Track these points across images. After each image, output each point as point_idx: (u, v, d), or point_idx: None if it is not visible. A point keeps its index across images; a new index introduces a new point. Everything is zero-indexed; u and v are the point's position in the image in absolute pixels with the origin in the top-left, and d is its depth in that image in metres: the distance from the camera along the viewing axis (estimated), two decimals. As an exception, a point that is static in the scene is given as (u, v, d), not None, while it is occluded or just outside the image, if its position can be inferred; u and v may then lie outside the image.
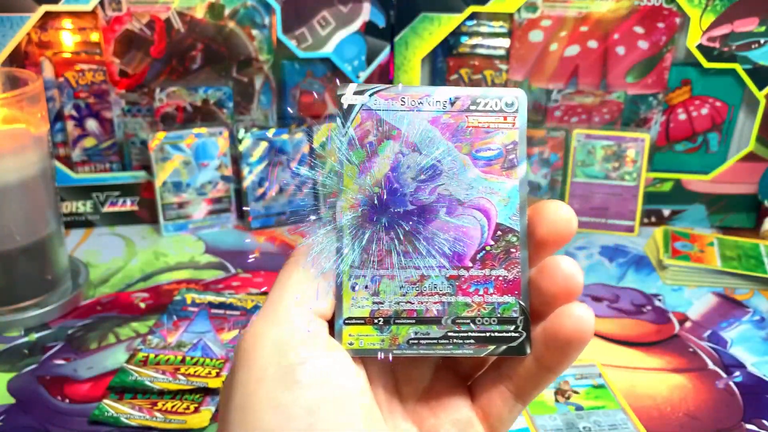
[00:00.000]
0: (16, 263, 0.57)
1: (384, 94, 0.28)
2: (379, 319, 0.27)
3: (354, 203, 0.27)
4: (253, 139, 0.75)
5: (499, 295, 0.28)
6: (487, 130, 0.28)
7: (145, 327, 0.58)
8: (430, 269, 0.27)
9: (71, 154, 0.75)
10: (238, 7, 0.73)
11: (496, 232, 0.28)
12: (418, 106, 0.28)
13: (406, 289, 0.28)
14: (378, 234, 0.27)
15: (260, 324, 0.26)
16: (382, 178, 0.27)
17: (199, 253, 0.71)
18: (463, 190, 0.28)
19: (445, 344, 0.28)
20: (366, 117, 0.28)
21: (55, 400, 0.49)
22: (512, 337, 0.28)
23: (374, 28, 0.75)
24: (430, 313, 0.28)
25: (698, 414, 0.49)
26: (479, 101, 0.28)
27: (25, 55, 0.71)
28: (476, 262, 0.28)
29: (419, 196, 0.27)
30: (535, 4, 0.73)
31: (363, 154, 0.27)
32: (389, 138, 0.27)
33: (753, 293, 0.65)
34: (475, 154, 0.28)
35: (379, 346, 0.27)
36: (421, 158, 0.27)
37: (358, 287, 0.27)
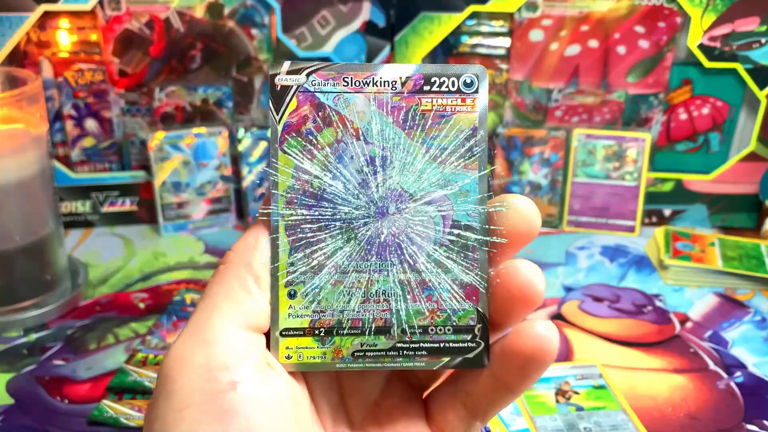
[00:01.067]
0: (15, 263, 0.56)
1: (324, 73, 0.24)
2: (321, 329, 0.24)
3: (291, 200, 0.24)
4: (253, 139, 0.74)
5: (454, 300, 0.25)
6: (443, 114, 0.24)
7: (144, 327, 0.58)
8: (378, 273, 0.24)
9: (70, 153, 0.74)
10: (237, 6, 0.73)
11: (453, 229, 0.25)
12: (364, 87, 0.24)
13: (351, 296, 0.24)
14: (318, 234, 0.24)
15: (185, 345, 0.22)
16: (323, 171, 0.24)
17: (199, 253, 0.71)
18: (415, 183, 0.24)
19: (394, 356, 0.25)
20: (303, 100, 0.24)
21: (54, 401, 0.49)
22: (469, 347, 0.25)
23: (374, 28, 0.75)
24: (377, 323, 0.25)
25: (699, 414, 0.49)
26: (434, 80, 0.24)
27: (24, 55, 0.70)
28: (429, 264, 0.25)
29: (366, 191, 0.24)
30: (536, 4, 0.73)
31: (300, 144, 0.24)
32: (330, 125, 0.24)
33: (754, 293, 0.65)
34: (429, 141, 0.24)
35: (320, 360, 0.24)
36: (368, 148, 0.24)
37: (297, 294, 0.24)
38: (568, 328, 0.59)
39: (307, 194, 0.24)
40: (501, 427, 0.47)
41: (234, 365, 0.22)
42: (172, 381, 0.22)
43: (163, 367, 0.22)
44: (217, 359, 0.22)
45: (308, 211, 0.24)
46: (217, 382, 0.22)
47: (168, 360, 0.22)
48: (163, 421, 0.21)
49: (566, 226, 0.77)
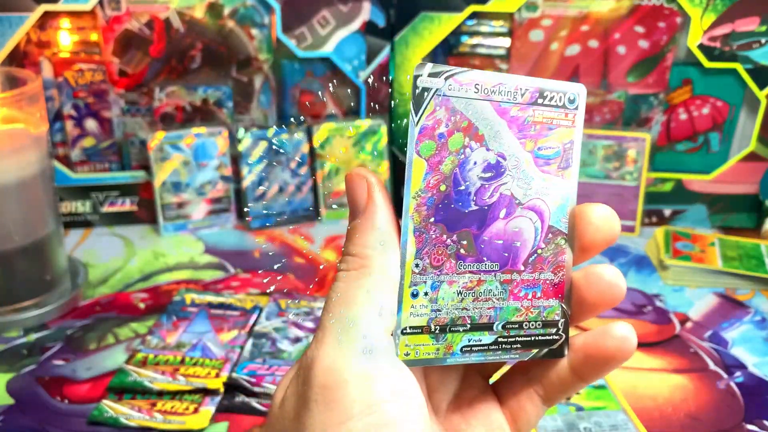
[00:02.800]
0: (15, 263, 0.56)
1: (459, 78, 0.25)
2: (436, 327, 0.26)
3: (421, 203, 0.25)
4: (253, 139, 0.74)
5: (545, 298, 0.27)
6: (550, 127, 0.26)
7: (144, 327, 0.58)
8: (487, 274, 0.26)
9: (70, 153, 0.74)
10: (237, 6, 0.73)
11: (547, 234, 0.27)
12: (491, 96, 0.25)
13: (463, 295, 0.26)
14: (441, 237, 0.25)
15: (338, 353, 0.23)
16: (449, 175, 0.25)
17: (199, 254, 0.70)
18: (523, 189, 0.26)
19: (494, 350, 0.27)
20: (440, 104, 0.25)
21: (54, 401, 0.49)
22: (553, 340, 0.27)
23: (374, 28, 0.75)
24: (483, 319, 0.26)
25: (699, 414, 0.49)
26: (546, 94, 0.26)
27: (24, 55, 0.70)
28: (528, 266, 0.27)
29: (483, 196, 0.26)
30: (536, 4, 0.73)
31: (433, 147, 0.25)
32: (460, 130, 0.25)
33: (754, 293, 0.65)
34: (537, 152, 0.26)
35: (434, 355, 0.26)
36: (488, 154, 0.25)
37: (419, 294, 0.25)
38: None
39: (434, 197, 0.25)
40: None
41: (390, 373, 0.23)
42: (332, 392, 0.22)
43: (318, 377, 0.23)
44: (375, 369, 0.23)
45: (434, 215, 0.25)
46: (377, 393, 0.23)
47: (324, 370, 0.23)
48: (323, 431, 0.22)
49: (566, 226, 0.77)
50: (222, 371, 0.51)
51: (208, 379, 0.50)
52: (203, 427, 0.46)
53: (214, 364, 0.51)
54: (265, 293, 0.62)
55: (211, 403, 0.48)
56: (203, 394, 0.49)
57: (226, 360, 0.52)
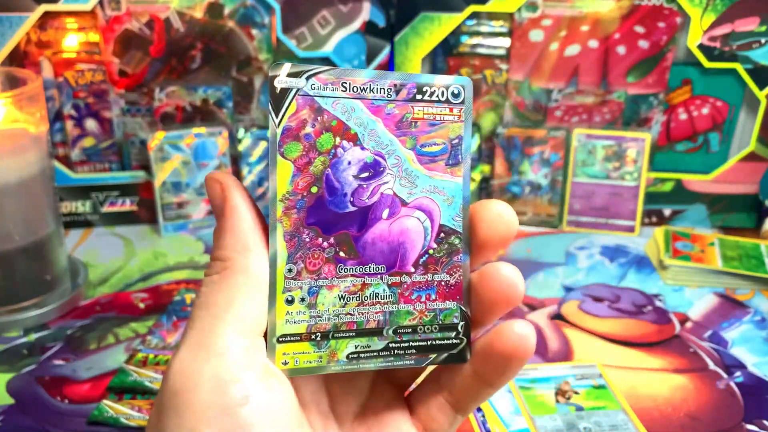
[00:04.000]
0: (15, 263, 0.56)
1: (323, 77, 0.24)
2: (317, 334, 0.24)
3: (290, 205, 0.24)
4: (253, 139, 0.74)
5: (441, 301, 0.26)
6: (433, 123, 0.25)
7: (144, 327, 0.58)
8: (372, 277, 0.25)
9: (70, 153, 0.74)
10: (237, 6, 0.73)
11: (439, 234, 0.25)
12: (361, 93, 0.24)
13: (346, 300, 0.25)
14: (316, 240, 0.24)
15: (190, 357, 0.22)
16: (320, 176, 0.24)
17: (199, 253, 0.71)
18: (407, 188, 0.25)
19: (386, 356, 0.25)
20: (303, 104, 0.24)
21: (55, 401, 0.49)
22: (453, 344, 0.26)
23: (374, 28, 0.75)
24: (370, 324, 0.25)
25: (699, 414, 0.49)
26: (425, 90, 0.25)
27: (24, 55, 0.71)
28: (419, 267, 0.25)
29: (361, 197, 0.25)
30: (536, 4, 0.73)
31: (299, 148, 0.24)
32: (329, 130, 0.24)
33: (754, 293, 0.65)
34: (419, 149, 0.25)
35: (316, 364, 0.25)
36: (363, 153, 0.24)
37: (294, 300, 0.24)
38: (568, 328, 0.59)
39: (304, 199, 0.24)
40: (501, 427, 0.47)
41: (244, 377, 0.22)
42: (182, 396, 0.21)
43: (169, 381, 0.22)
44: (228, 372, 0.22)
45: (307, 218, 0.24)
46: (231, 397, 0.21)
47: (174, 374, 0.22)
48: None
49: (566, 226, 0.77)
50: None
51: (208, 378, 0.50)
52: (203, 427, 0.47)
53: (214, 364, 0.51)
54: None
55: (211, 403, 0.48)
56: (203, 394, 0.49)
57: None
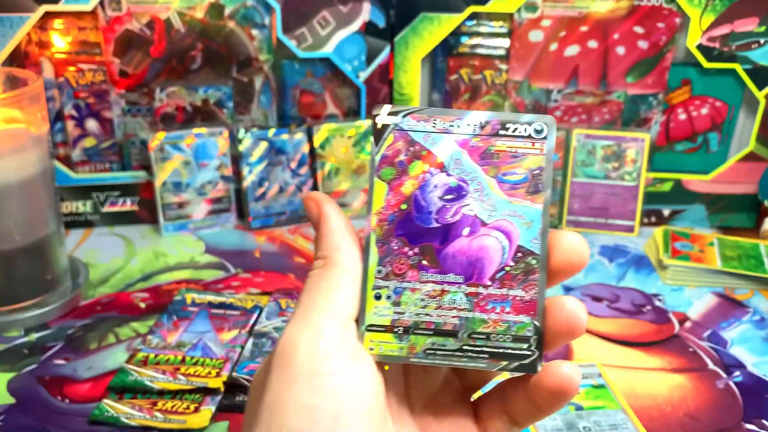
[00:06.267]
0: (16, 263, 0.57)
1: (416, 115, 0.29)
2: (399, 328, 0.28)
3: (382, 218, 0.29)
4: (253, 139, 0.75)
5: (515, 314, 0.28)
6: (515, 155, 0.29)
7: (144, 327, 0.58)
8: (451, 285, 0.28)
9: (71, 154, 0.75)
10: (238, 6, 0.73)
11: (517, 253, 0.28)
12: (449, 129, 0.29)
13: (426, 302, 0.28)
14: (403, 249, 0.28)
15: (295, 329, 0.27)
16: (410, 196, 0.28)
17: (199, 253, 0.71)
18: (487, 211, 0.28)
19: (459, 357, 0.28)
20: (398, 137, 0.29)
21: (55, 400, 0.49)
22: (525, 355, 0.28)
23: (374, 28, 0.75)
24: (447, 327, 0.28)
25: (698, 414, 0.49)
26: (508, 126, 0.28)
27: (25, 55, 0.71)
28: (495, 281, 0.28)
29: (444, 215, 0.28)
30: (535, 4, 0.73)
31: (393, 172, 0.29)
32: (419, 158, 0.29)
33: (753, 293, 0.65)
34: (501, 177, 0.28)
35: (397, 353, 0.28)
36: (448, 179, 0.28)
37: (381, 297, 0.28)
38: (568, 328, 0.59)
39: (395, 214, 0.29)
40: (500, 426, 0.47)
41: (336, 352, 0.27)
42: (286, 359, 0.26)
43: (278, 346, 0.27)
44: (323, 345, 0.27)
45: (396, 229, 0.29)
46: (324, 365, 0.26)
47: (282, 341, 0.27)
48: (276, 390, 0.26)
49: (565, 225, 0.77)
50: (222, 371, 0.51)
51: (208, 378, 0.50)
52: (204, 426, 0.47)
53: (215, 364, 0.52)
54: (266, 293, 0.62)
55: (212, 403, 0.48)
56: (204, 394, 0.49)
57: (227, 359, 0.52)
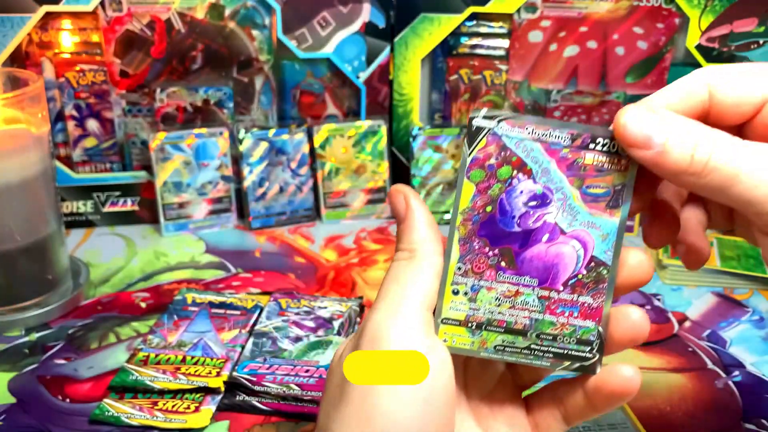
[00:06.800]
0: (17, 263, 0.57)
1: (512, 122, 0.30)
2: (473, 323, 0.30)
3: (467, 218, 0.30)
4: (254, 140, 0.75)
5: (582, 319, 0.30)
6: (600, 169, 0.30)
7: (145, 327, 0.58)
8: (525, 287, 0.30)
9: (72, 154, 0.75)
10: (238, 7, 0.73)
11: (590, 263, 0.30)
12: (541, 138, 0.30)
13: (501, 302, 0.30)
14: (483, 249, 0.30)
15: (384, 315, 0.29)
16: (496, 199, 0.30)
17: (200, 253, 0.71)
18: (567, 220, 0.30)
19: (526, 354, 0.30)
20: (491, 141, 0.30)
21: (56, 400, 0.49)
22: (587, 357, 0.30)
23: (374, 29, 0.75)
24: (518, 326, 0.30)
25: (697, 413, 0.50)
26: (598, 141, 0.29)
27: (25, 56, 0.71)
28: (567, 287, 0.30)
29: (526, 221, 0.30)
30: (535, 5, 0.73)
31: (482, 175, 0.30)
32: (509, 164, 0.30)
33: (752, 293, 0.65)
34: (585, 189, 0.30)
35: (469, 347, 0.30)
36: (535, 186, 0.30)
37: (459, 293, 0.30)
38: (567, 328, 0.59)
39: (479, 215, 0.30)
40: (500, 425, 0.47)
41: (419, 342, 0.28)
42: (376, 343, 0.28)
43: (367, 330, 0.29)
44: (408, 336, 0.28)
45: (479, 230, 0.30)
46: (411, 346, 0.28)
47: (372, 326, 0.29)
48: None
49: (565, 226, 0.77)
50: (223, 370, 0.51)
51: (209, 378, 0.50)
52: (204, 426, 0.47)
53: (215, 363, 0.52)
54: (266, 293, 0.62)
55: (212, 402, 0.49)
56: (204, 393, 0.49)
57: (227, 359, 0.52)
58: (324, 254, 0.71)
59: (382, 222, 0.79)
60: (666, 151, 0.26)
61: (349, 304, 0.60)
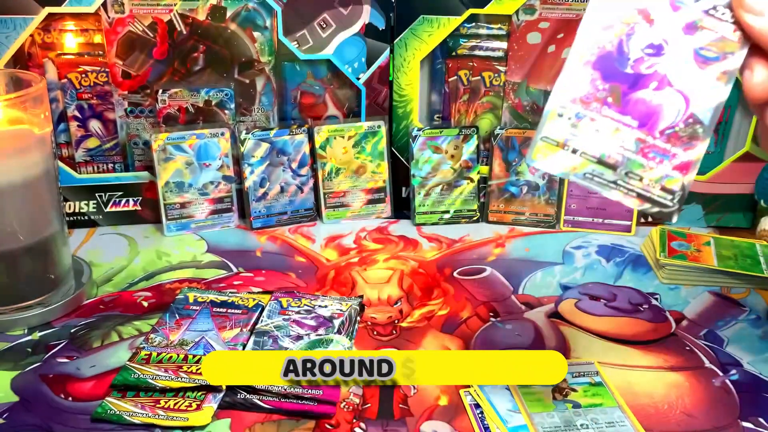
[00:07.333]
0: (20, 262, 0.57)
1: None
2: (570, 147, 0.32)
3: (588, 48, 0.32)
4: (255, 140, 0.75)
5: (670, 168, 0.32)
6: (715, 34, 0.31)
7: (147, 325, 0.58)
8: (626, 126, 0.32)
9: (74, 154, 0.75)
10: (239, 9, 0.73)
11: (689, 118, 0.31)
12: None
13: (600, 134, 0.32)
14: (595, 81, 0.32)
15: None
16: (617, 38, 0.31)
17: (201, 253, 0.71)
18: (677, 74, 0.31)
19: (612, 188, 0.32)
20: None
21: (59, 398, 0.50)
22: (667, 205, 0.32)
23: (374, 30, 0.76)
24: (610, 160, 0.32)
25: (695, 412, 0.50)
26: (718, 8, 0.31)
27: (28, 57, 0.71)
28: (663, 135, 0.32)
29: (640, 65, 0.31)
30: (533, 7, 0.74)
31: (610, 17, 0.32)
32: (636, 10, 0.32)
33: (749, 292, 0.66)
34: (698, 50, 0.31)
35: (561, 169, 0.32)
36: (654, 35, 0.31)
37: (563, 116, 0.32)
38: (565, 327, 0.59)
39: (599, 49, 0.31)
40: (499, 424, 0.47)
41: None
42: None
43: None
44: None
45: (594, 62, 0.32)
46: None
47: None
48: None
49: (563, 225, 0.78)
50: (224, 368, 0.51)
51: (210, 376, 0.50)
52: (206, 424, 0.47)
53: (217, 362, 0.52)
54: (267, 292, 0.63)
55: (214, 400, 0.49)
56: (206, 392, 0.50)
57: (229, 357, 0.53)
58: (324, 254, 0.72)
59: (382, 222, 0.79)
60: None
61: (350, 303, 0.60)
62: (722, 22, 0.31)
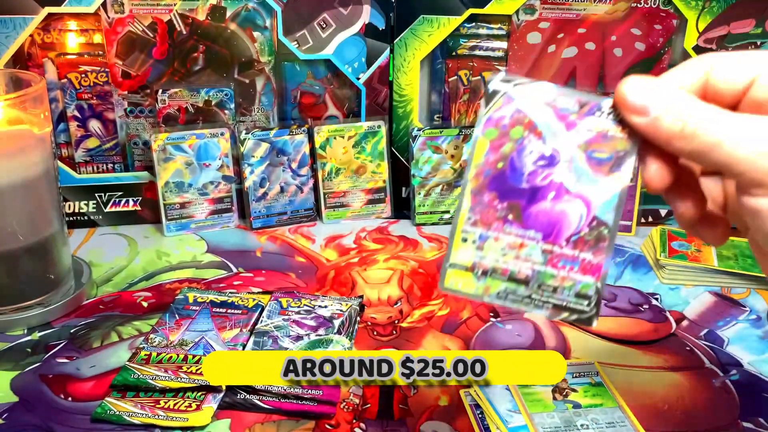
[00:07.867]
0: (20, 263, 0.57)
1: (527, 87, 0.32)
2: (479, 270, 0.32)
3: (479, 172, 0.32)
4: (255, 140, 0.75)
5: (581, 274, 0.32)
6: (605, 135, 0.31)
7: (147, 326, 0.58)
8: (530, 240, 0.32)
9: (74, 154, 0.75)
10: (239, 9, 0.73)
11: (592, 222, 0.32)
12: (553, 103, 0.31)
13: (506, 252, 0.32)
14: (492, 202, 0.32)
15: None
16: (507, 157, 0.32)
17: (201, 253, 0.71)
18: (573, 181, 0.31)
19: (527, 303, 0.32)
20: (506, 102, 0.32)
21: (58, 399, 0.50)
22: (584, 311, 0.32)
23: (374, 30, 0.76)
24: (521, 276, 0.32)
25: (695, 412, 0.50)
26: (603, 109, 0.31)
27: (28, 57, 0.71)
28: (569, 243, 0.32)
29: (534, 179, 0.32)
30: (534, 7, 0.74)
31: (496, 133, 0.32)
32: (521, 124, 0.32)
33: (749, 292, 0.66)
34: (590, 153, 0.31)
35: (473, 292, 0.32)
36: (544, 147, 0.31)
37: (467, 240, 0.32)
38: (565, 327, 0.59)
39: (491, 170, 0.32)
40: (499, 424, 0.47)
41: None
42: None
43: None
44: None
45: (489, 184, 0.32)
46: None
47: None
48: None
49: (564, 226, 0.77)
50: (224, 369, 0.51)
51: (210, 376, 0.50)
52: (205, 424, 0.47)
53: (217, 362, 0.52)
54: (267, 292, 0.63)
55: (213, 401, 0.49)
56: (205, 392, 0.50)
57: (228, 358, 0.53)
58: (324, 254, 0.72)
59: (382, 222, 0.79)
60: (659, 117, 0.28)
61: (350, 303, 0.60)
62: (609, 122, 0.31)
